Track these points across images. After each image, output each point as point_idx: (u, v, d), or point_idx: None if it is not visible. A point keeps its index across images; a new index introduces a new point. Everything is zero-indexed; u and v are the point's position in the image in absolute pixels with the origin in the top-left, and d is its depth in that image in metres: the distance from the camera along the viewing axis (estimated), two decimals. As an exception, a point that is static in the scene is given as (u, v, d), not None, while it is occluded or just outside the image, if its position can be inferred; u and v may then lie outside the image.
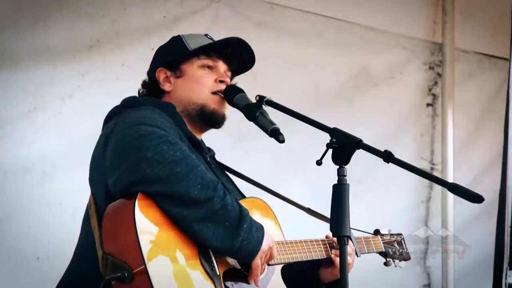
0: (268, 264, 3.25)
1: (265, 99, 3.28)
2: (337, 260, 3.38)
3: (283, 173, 5.16)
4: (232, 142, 5.13)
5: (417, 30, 6.15)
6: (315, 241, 3.48)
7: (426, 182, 6.09)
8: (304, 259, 3.40)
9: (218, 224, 2.98)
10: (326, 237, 3.52)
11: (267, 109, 3.29)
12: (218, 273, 3.05)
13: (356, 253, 3.58)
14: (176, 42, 3.48)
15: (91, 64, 4.71)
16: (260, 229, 3.08)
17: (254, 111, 3.28)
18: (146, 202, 2.96)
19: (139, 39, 4.85)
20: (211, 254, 3.05)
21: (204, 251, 3.04)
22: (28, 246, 4.44)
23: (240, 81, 3.54)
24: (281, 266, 3.34)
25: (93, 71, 4.72)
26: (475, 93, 6.45)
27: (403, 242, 3.96)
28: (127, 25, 4.83)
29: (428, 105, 6.27)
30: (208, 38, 3.49)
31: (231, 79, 3.52)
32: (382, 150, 2.94)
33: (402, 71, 6.12)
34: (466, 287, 6.23)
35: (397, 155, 2.95)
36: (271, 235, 3.15)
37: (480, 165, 6.36)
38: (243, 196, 3.49)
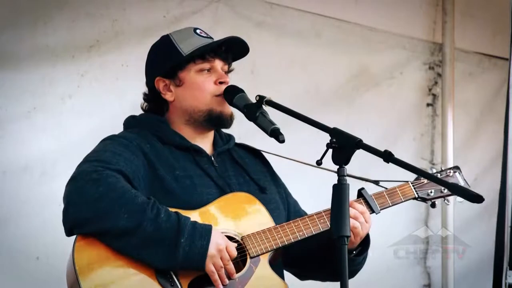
0: (251, 257, 3.24)
1: (265, 99, 3.28)
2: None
3: (283, 173, 5.15)
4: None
5: (417, 30, 6.15)
6: (316, 214, 3.38)
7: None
8: (301, 237, 3.32)
9: (157, 245, 3.04)
10: None
11: (267, 109, 3.29)
12: (180, 287, 3.09)
13: (374, 210, 3.45)
14: (168, 46, 3.43)
15: (90, 64, 4.71)
16: (205, 235, 3.09)
17: (254, 111, 3.28)
18: (87, 241, 3.07)
19: (139, 39, 4.84)
20: (168, 271, 3.10)
21: (159, 270, 3.09)
22: (28, 246, 4.44)
23: (240, 81, 3.53)
24: (268, 255, 3.30)
25: (92, 71, 4.72)
26: (475, 93, 6.44)
27: (457, 175, 3.68)
28: (127, 25, 4.83)
29: (428, 105, 6.27)
30: (197, 34, 3.45)
31: (229, 67, 3.51)
32: (382, 150, 2.93)
33: (402, 71, 6.12)
34: (466, 287, 6.23)
35: (397, 155, 2.94)
36: (222, 235, 3.15)
37: (480, 165, 6.35)
38: (258, 186, 3.47)
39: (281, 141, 3.20)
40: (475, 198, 2.83)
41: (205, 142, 3.48)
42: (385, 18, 5.95)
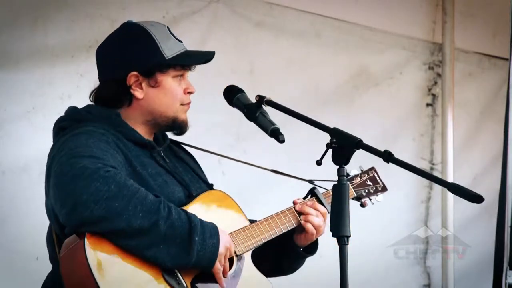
0: (237, 255, 3.26)
1: (265, 99, 3.27)
2: (308, 225, 3.42)
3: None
4: (232, 142, 5.12)
5: (417, 30, 6.15)
6: (282, 212, 3.44)
7: (426, 182, 6.08)
8: (274, 235, 3.38)
9: (169, 244, 3.02)
10: (294, 203, 3.49)
11: (267, 109, 3.29)
12: (185, 285, 3.09)
13: (328, 211, 3.49)
14: (151, 45, 3.34)
15: (90, 64, 4.67)
16: (214, 233, 3.10)
17: (254, 111, 3.28)
18: (96, 239, 3.01)
19: (138, 39, 4.84)
20: (175, 269, 3.09)
21: (166, 269, 3.08)
22: (28, 246, 4.43)
23: (240, 81, 3.53)
24: (250, 252, 3.34)
25: (92, 71, 4.67)
26: (475, 93, 6.44)
27: (375, 175, 3.78)
28: (127, 25, 4.82)
29: (428, 105, 6.27)
30: (172, 35, 3.40)
31: None
32: (382, 150, 2.93)
33: (402, 71, 6.11)
34: (466, 287, 6.23)
35: (397, 155, 2.94)
36: (226, 233, 3.17)
37: (480, 165, 6.35)
38: (206, 183, 3.49)
39: (281, 141, 3.20)
40: (475, 198, 2.83)
41: (151, 139, 3.44)
42: (385, 18, 5.95)
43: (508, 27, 5.12)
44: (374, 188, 3.76)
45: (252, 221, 3.42)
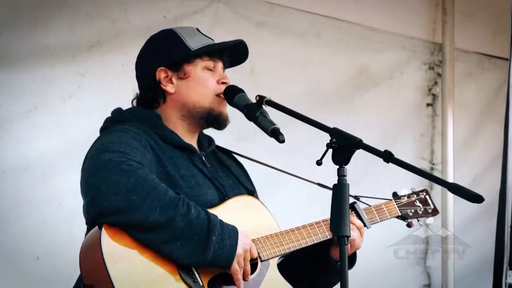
0: (261, 260, 3.26)
1: (265, 99, 3.28)
2: None
3: (283, 173, 5.15)
4: (232, 142, 5.12)
5: (417, 30, 6.15)
6: (316, 223, 3.41)
7: (426, 182, 6.06)
8: (304, 245, 3.36)
9: (187, 241, 3.03)
10: None
11: (267, 109, 3.29)
12: (201, 284, 3.09)
13: (365, 225, 3.51)
14: (175, 40, 3.43)
15: (91, 64, 4.71)
16: (233, 235, 3.10)
17: (254, 111, 3.29)
18: (114, 230, 3.03)
19: (139, 39, 4.81)
20: (192, 267, 3.09)
21: (183, 265, 3.08)
22: (28, 246, 4.44)
23: (240, 81, 3.53)
24: (276, 259, 3.33)
25: (93, 71, 4.72)
26: (475, 93, 6.44)
27: (427, 198, 3.80)
28: (127, 25, 4.83)
29: (428, 105, 6.27)
30: (201, 33, 3.47)
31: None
32: (382, 150, 2.94)
33: (402, 71, 6.12)
34: (466, 287, 6.23)
35: (397, 155, 2.95)
36: (247, 236, 3.17)
37: (480, 165, 6.35)
38: (247, 189, 3.51)
39: (281, 141, 3.20)
40: (475, 198, 2.84)
41: (193, 142, 3.48)
42: (385, 18, 5.95)
43: (508, 27, 5.12)
44: (423, 209, 3.77)
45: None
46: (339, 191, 2.92)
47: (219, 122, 3.44)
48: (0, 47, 4.42)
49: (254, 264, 3.25)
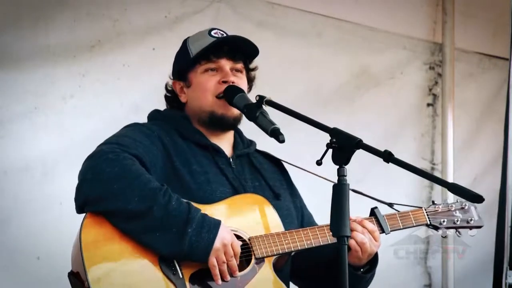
0: (256, 258, 3.25)
1: (265, 99, 3.28)
2: (350, 241, 3.30)
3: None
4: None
5: (417, 30, 6.15)
6: (326, 226, 3.39)
7: (426, 182, 6.08)
8: (308, 246, 3.34)
9: (165, 231, 3.06)
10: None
11: (267, 109, 3.29)
12: (181, 277, 3.10)
13: (384, 230, 3.48)
14: (183, 50, 3.51)
15: (92, 64, 4.72)
16: (213, 228, 3.11)
17: (254, 111, 3.29)
18: (97, 219, 3.09)
19: (140, 39, 4.85)
20: (173, 259, 3.11)
21: (164, 257, 3.11)
22: (28, 246, 4.44)
23: (241, 81, 3.54)
24: (273, 259, 3.30)
25: (94, 71, 4.72)
26: (475, 93, 6.44)
27: (472, 209, 3.66)
28: (128, 25, 4.83)
29: (428, 105, 6.27)
30: (211, 35, 3.48)
31: (250, 64, 3.58)
32: (382, 150, 2.94)
33: (402, 71, 6.12)
34: (466, 287, 6.23)
35: (397, 155, 2.95)
36: (230, 231, 3.17)
37: (481, 165, 6.35)
38: (273, 191, 3.50)
39: (281, 141, 3.20)
40: (475, 198, 2.84)
41: (223, 143, 3.51)
42: (386, 18, 5.95)
43: (508, 27, 5.12)
44: (463, 220, 3.65)
45: None
46: (339, 191, 2.92)
47: (223, 123, 3.46)
48: (0, 47, 4.42)
49: (248, 261, 3.25)
